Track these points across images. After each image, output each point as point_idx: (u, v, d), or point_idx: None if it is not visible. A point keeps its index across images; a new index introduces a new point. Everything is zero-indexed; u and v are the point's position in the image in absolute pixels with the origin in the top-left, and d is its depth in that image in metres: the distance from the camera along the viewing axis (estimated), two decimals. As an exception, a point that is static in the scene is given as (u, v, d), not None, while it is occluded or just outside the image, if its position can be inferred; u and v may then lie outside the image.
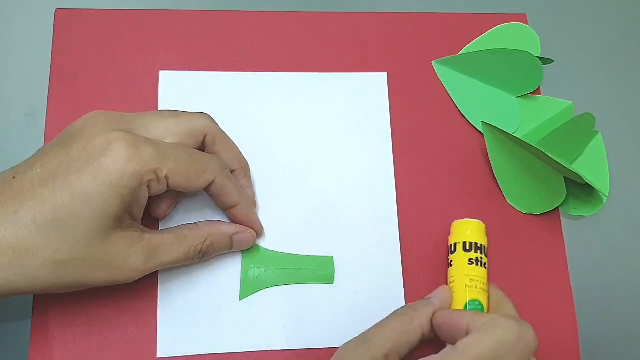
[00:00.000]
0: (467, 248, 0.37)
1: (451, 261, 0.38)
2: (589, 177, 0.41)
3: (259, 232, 0.38)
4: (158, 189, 0.32)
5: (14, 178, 0.30)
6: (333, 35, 0.44)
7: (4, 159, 0.40)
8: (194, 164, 0.32)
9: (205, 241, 0.35)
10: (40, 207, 0.29)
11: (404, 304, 0.39)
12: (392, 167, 0.42)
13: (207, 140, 0.35)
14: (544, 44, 0.45)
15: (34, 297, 0.36)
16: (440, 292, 0.36)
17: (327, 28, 0.44)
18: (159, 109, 0.41)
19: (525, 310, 0.40)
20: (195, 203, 0.39)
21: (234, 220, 0.37)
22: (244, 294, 0.38)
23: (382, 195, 0.41)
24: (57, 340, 0.36)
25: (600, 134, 0.44)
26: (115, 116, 0.32)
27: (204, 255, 0.36)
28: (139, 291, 0.37)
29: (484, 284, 0.37)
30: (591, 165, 0.43)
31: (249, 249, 0.38)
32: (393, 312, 0.34)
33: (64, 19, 0.42)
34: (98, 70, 0.41)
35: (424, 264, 0.40)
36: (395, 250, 0.40)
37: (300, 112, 0.42)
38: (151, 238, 0.33)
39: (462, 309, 0.36)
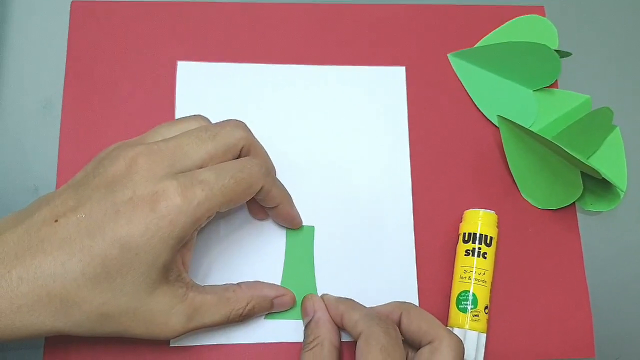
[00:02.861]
0: (466, 239, 0.38)
1: (457, 251, 0.39)
2: (606, 172, 0.40)
3: (297, 225, 0.39)
4: (209, 220, 0.32)
5: (56, 222, 0.29)
6: (350, 27, 0.44)
7: (21, 150, 0.40)
8: (240, 184, 0.32)
9: (247, 305, 0.35)
10: (89, 260, 0.29)
11: (416, 292, 0.39)
12: (409, 160, 0.42)
13: (243, 152, 0.34)
14: (562, 36, 0.45)
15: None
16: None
17: (344, 20, 0.44)
18: (177, 100, 0.41)
19: (540, 306, 0.40)
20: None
21: (275, 217, 0.38)
22: (270, 316, 0.38)
23: (397, 187, 0.41)
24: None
25: (618, 128, 0.43)
26: (155, 155, 0.31)
27: (244, 318, 0.35)
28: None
29: (481, 274, 0.37)
30: (608, 160, 0.43)
31: None
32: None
33: (80, 10, 0.42)
34: (114, 61, 0.42)
35: (438, 254, 0.40)
36: (409, 241, 0.40)
37: (317, 104, 0.42)
38: (194, 298, 0.32)
39: (455, 301, 0.37)
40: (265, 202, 0.36)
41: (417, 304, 0.39)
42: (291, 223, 0.39)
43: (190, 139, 0.32)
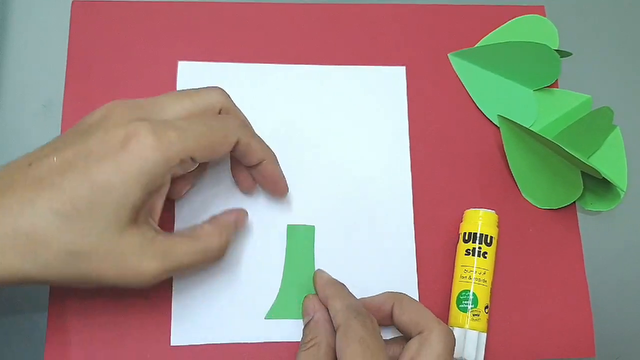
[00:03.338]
0: (466, 239, 0.38)
1: (457, 251, 0.39)
2: (606, 172, 0.40)
3: (283, 189, 0.38)
4: (185, 168, 0.32)
5: (29, 165, 0.30)
6: (350, 27, 0.44)
7: (22, 150, 0.40)
8: (215, 133, 0.32)
9: (221, 237, 0.35)
10: (59, 196, 0.29)
11: (417, 291, 0.39)
12: (409, 160, 0.42)
13: (221, 113, 0.34)
14: (562, 36, 0.45)
15: (50, 287, 0.37)
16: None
17: (345, 20, 0.44)
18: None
19: (540, 306, 0.40)
20: (210, 185, 0.39)
21: (260, 177, 0.37)
22: (270, 315, 0.38)
23: (398, 186, 0.41)
24: (73, 329, 0.36)
25: (618, 128, 0.43)
26: (132, 104, 0.32)
27: (222, 253, 0.35)
28: (153, 281, 0.37)
29: (481, 273, 0.37)
30: (609, 160, 0.43)
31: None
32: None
33: (81, 10, 0.43)
34: (115, 61, 0.42)
35: (438, 253, 0.40)
36: (409, 240, 0.40)
37: (318, 104, 0.42)
38: (164, 240, 0.32)
39: (455, 300, 0.37)
40: (247, 159, 0.35)
41: (418, 303, 0.39)
42: (275, 186, 0.38)
43: (169, 98, 0.33)
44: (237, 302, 0.38)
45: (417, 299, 0.39)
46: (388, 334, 0.37)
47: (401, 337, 0.35)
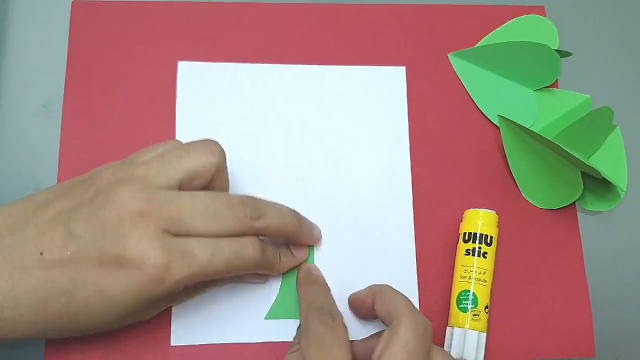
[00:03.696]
0: (466, 239, 0.38)
1: (457, 251, 0.39)
2: (606, 172, 0.40)
3: (317, 240, 0.39)
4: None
5: (41, 254, 0.29)
6: (350, 27, 0.44)
7: (21, 150, 0.40)
8: (229, 268, 0.32)
9: None
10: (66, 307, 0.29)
11: (417, 292, 0.39)
12: (409, 160, 0.42)
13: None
14: (562, 36, 0.45)
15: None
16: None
17: (345, 20, 0.44)
18: (177, 100, 0.41)
19: (540, 305, 0.40)
20: None
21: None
22: (270, 315, 0.38)
23: (398, 186, 0.41)
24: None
25: (618, 128, 0.43)
26: (151, 205, 0.30)
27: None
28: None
29: (482, 273, 0.37)
30: (609, 160, 0.43)
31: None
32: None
33: (81, 10, 0.43)
34: (115, 61, 0.42)
35: (438, 253, 0.40)
36: (409, 240, 0.40)
37: (318, 104, 0.42)
38: None
39: (456, 300, 0.37)
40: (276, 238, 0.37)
41: (417, 304, 0.39)
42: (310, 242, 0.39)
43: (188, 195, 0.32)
44: (237, 302, 0.38)
45: (417, 299, 0.39)
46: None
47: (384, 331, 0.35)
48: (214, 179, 0.33)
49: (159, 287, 0.29)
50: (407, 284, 0.39)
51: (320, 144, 0.42)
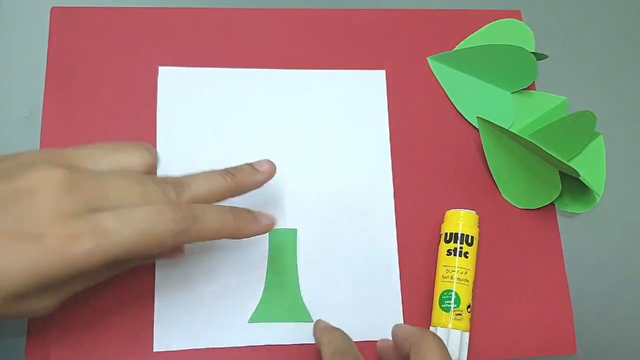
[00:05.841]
0: (447, 239, 0.39)
1: (439, 251, 0.39)
2: (585, 176, 0.41)
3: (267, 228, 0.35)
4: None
5: None
6: (330, 32, 0.45)
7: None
8: (144, 240, 0.29)
9: None
10: None
11: (399, 292, 0.39)
12: (390, 162, 0.42)
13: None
14: (538, 39, 0.46)
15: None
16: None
17: (325, 25, 0.45)
18: (158, 105, 0.41)
19: (522, 304, 0.40)
20: None
21: None
22: (254, 319, 0.38)
23: (379, 189, 0.41)
24: (54, 335, 0.36)
25: (601, 135, 0.44)
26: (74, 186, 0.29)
27: None
28: (135, 285, 0.37)
29: (463, 273, 0.38)
30: (589, 165, 0.43)
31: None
32: None
33: (60, 16, 0.42)
34: (95, 68, 0.42)
35: (420, 254, 0.40)
36: (391, 242, 0.40)
37: (299, 108, 0.43)
38: None
39: (438, 300, 0.38)
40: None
41: (400, 304, 0.39)
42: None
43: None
44: (220, 306, 0.38)
45: (400, 300, 0.39)
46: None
47: None
48: None
49: (64, 263, 0.28)
50: (390, 285, 0.39)
51: (301, 148, 0.42)
